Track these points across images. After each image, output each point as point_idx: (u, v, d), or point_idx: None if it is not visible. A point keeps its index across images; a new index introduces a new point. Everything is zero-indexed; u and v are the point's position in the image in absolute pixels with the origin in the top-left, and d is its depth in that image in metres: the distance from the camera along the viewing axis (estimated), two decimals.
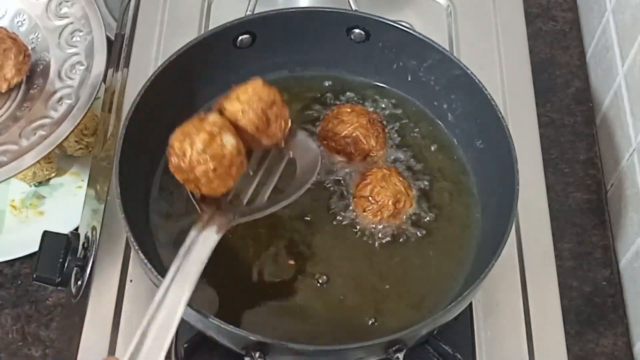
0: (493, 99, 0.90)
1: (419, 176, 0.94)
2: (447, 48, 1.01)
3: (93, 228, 0.94)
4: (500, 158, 0.88)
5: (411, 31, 0.96)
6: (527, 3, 1.20)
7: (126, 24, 1.12)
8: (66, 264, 0.89)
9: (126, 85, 1.05)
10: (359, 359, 0.79)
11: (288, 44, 0.98)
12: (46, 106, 0.98)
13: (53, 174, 1.07)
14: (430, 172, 0.95)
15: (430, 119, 0.99)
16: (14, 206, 1.06)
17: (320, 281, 0.87)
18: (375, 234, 0.90)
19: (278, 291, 0.87)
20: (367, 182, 0.91)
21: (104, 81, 1.05)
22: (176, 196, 0.91)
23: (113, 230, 0.94)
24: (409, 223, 0.91)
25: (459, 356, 0.86)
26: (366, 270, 0.88)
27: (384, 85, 1.01)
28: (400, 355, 0.77)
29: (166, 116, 0.93)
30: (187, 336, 0.86)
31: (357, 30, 0.97)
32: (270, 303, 0.86)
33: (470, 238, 0.91)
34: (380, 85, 1.01)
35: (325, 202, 0.92)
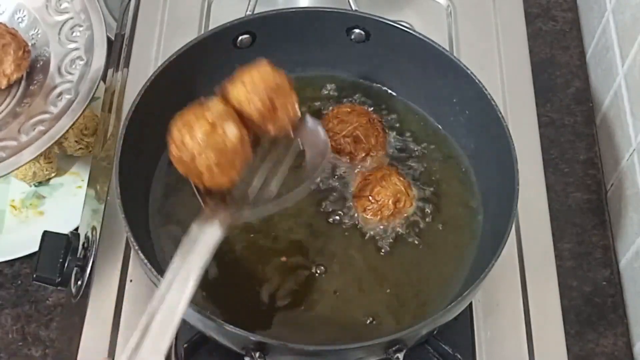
0: (493, 99, 0.90)
1: (419, 176, 0.94)
2: (447, 48, 1.01)
3: (93, 228, 0.94)
4: (500, 158, 0.88)
5: (411, 31, 0.96)
6: (527, 3, 1.20)
7: (126, 24, 1.12)
8: (66, 264, 0.89)
9: (126, 85, 1.05)
10: (359, 359, 0.79)
11: (288, 44, 0.98)
12: (46, 102, 0.97)
13: (53, 174, 1.07)
14: (430, 172, 0.95)
15: (429, 119, 0.99)
16: (14, 206, 1.06)
17: (319, 280, 0.87)
18: (375, 234, 0.90)
19: (277, 290, 0.86)
20: (367, 182, 0.91)
21: (104, 81, 1.05)
22: (176, 196, 0.91)
23: (113, 230, 0.94)
24: (409, 223, 0.91)
25: (459, 356, 0.86)
26: (365, 269, 0.88)
27: (384, 85, 1.01)
28: (400, 355, 0.77)
29: (166, 116, 0.92)
30: (187, 336, 0.86)
31: (357, 30, 0.97)
32: (269, 302, 0.86)
33: (470, 238, 0.91)
34: (380, 85, 1.01)
35: (324, 202, 0.91)
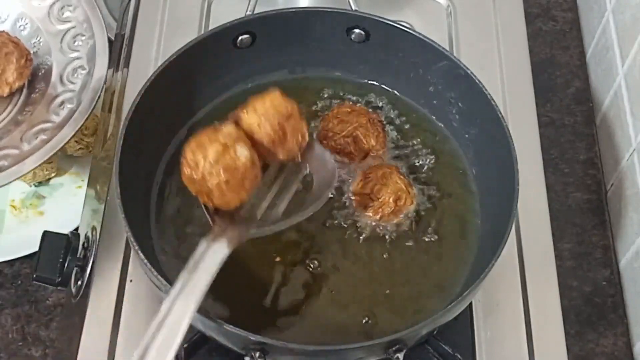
0: (493, 99, 0.90)
1: (419, 176, 0.94)
2: (447, 48, 1.01)
3: (93, 228, 0.94)
4: (500, 158, 0.88)
5: (411, 31, 0.96)
6: (527, 3, 1.20)
7: (126, 24, 1.12)
8: (66, 264, 0.88)
9: (126, 85, 1.05)
10: (359, 359, 0.79)
11: (288, 44, 0.98)
12: (48, 110, 0.97)
13: (53, 174, 1.07)
14: (430, 172, 0.95)
15: (430, 119, 0.99)
16: (14, 206, 1.06)
17: (319, 279, 0.87)
18: (375, 232, 0.90)
19: (277, 290, 0.86)
20: (368, 180, 0.91)
21: (104, 81, 1.05)
22: (177, 195, 0.91)
23: (113, 230, 0.94)
24: (409, 222, 0.91)
25: (459, 356, 0.86)
26: (365, 268, 0.88)
27: (384, 85, 1.01)
28: (400, 355, 0.77)
29: (166, 116, 0.93)
30: (187, 336, 0.85)
31: (357, 30, 0.97)
32: (269, 302, 0.86)
33: (470, 238, 0.91)
34: (380, 85, 1.01)
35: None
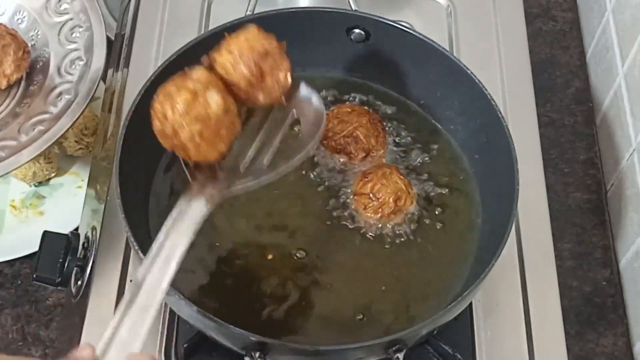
0: (493, 99, 0.90)
1: (419, 176, 0.94)
2: (447, 48, 1.01)
3: (93, 228, 0.94)
4: (500, 158, 0.88)
5: (411, 31, 0.96)
6: (527, 3, 1.20)
7: (126, 24, 1.12)
8: (66, 264, 0.89)
9: (126, 85, 1.05)
10: (359, 359, 0.79)
11: (288, 44, 0.98)
12: (45, 102, 0.98)
13: (53, 174, 1.07)
14: (430, 172, 0.95)
15: (429, 119, 0.99)
16: (14, 206, 1.06)
17: (318, 279, 0.87)
18: (374, 232, 0.90)
19: (276, 289, 0.86)
20: (368, 180, 0.91)
21: (104, 81, 1.05)
22: (177, 195, 0.91)
23: (113, 230, 0.94)
24: (409, 222, 0.91)
25: (459, 356, 0.86)
26: (364, 268, 0.88)
27: (384, 85, 1.01)
28: (400, 355, 0.77)
29: None
30: (187, 336, 0.86)
31: (357, 30, 0.97)
32: (268, 301, 0.85)
33: (470, 238, 0.91)
34: (379, 85, 1.01)
35: (324, 201, 0.92)
